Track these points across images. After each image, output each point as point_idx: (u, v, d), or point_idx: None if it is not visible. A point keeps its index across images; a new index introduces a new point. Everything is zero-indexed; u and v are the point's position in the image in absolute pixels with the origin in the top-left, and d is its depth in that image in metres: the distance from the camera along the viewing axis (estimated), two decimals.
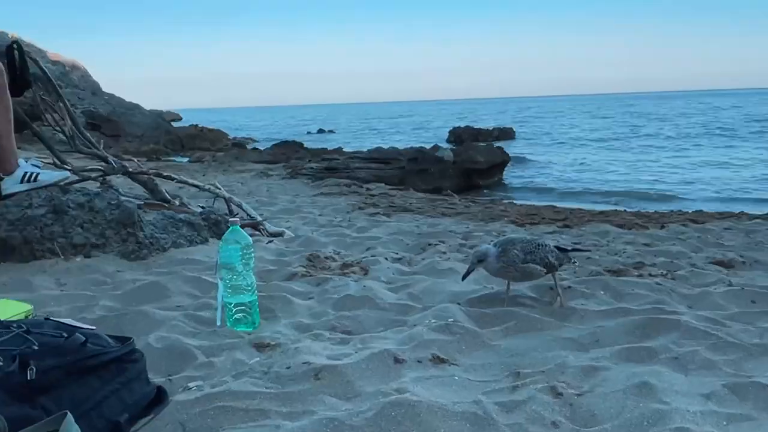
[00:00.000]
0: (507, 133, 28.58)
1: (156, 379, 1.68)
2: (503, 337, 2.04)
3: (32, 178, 3.07)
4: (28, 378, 1.29)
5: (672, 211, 7.44)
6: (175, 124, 34.57)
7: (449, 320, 2.10)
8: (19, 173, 3.06)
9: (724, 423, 1.44)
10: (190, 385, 1.66)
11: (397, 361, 1.77)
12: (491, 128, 28.95)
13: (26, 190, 3.07)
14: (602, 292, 2.52)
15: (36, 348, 1.38)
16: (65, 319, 1.57)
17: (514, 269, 2.27)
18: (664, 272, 2.94)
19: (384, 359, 1.77)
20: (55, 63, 25.56)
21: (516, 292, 2.51)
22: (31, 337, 1.44)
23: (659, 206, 9.08)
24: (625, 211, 7.27)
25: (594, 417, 1.49)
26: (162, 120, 28.26)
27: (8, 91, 3.02)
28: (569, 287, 2.57)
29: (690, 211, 7.22)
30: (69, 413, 1.21)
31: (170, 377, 1.73)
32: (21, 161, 3.10)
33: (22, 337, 1.44)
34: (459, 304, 2.38)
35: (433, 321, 2.10)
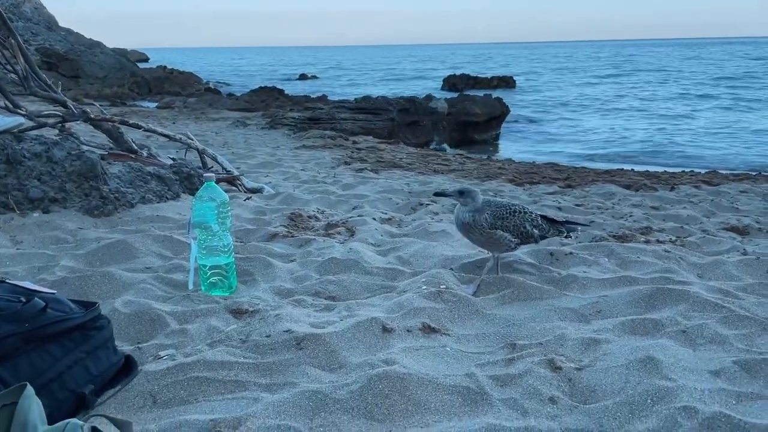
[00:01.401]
0: (506, 82, 28.44)
1: (124, 347, 1.68)
2: (499, 306, 2.06)
3: None
4: None
5: (683, 171, 7.48)
6: (141, 65, 33.95)
7: (441, 286, 2.11)
8: None
9: (734, 402, 1.47)
10: (162, 353, 1.67)
11: (385, 330, 1.78)
12: (490, 77, 28.77)
13: None
14: (606, 259, 2.55)
15: None
16: (23, 281, 1.56)
17: (479, 233, 2.23)
18: (674, 238, 2.97)
19: (371, 328, 1.78)
20: None
21: (514, 257, 2.52)
22: None
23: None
24: (632, 170, 7.29)
25: (594, 393, 1.52)
26: (127, 60, 27.73)
27: None
28: (570, 253, 2.60)
29: (703, 172, 7.26)
30: (29, 384, 1.21)
31: (139, 345, 1.74)
32: None
33: None
34: (452, 269, 2.39)
35: (423, 287, 2.11)
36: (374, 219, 3.32)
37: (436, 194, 2.39)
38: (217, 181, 3.43)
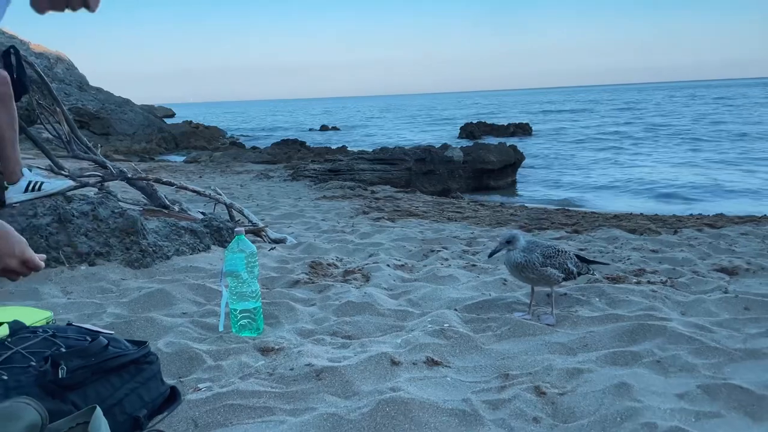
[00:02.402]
0: (524, 129, 28.87)
1: (168, 380, 1.95)
2: (496, 342, 2.30)
3: (36, 187, 3.35)
4: (60, 376, 1.56)
5: (691, 214, 7.66)
6: (168, 121, 35.03)
7: (445, 325, 2.36)
8: (23, 182, 3.34)
9: (693, 419, 1.70)
10: (200, 386, 1.93)
11: (393, 363, 2.03)
12: (506, 124, 29.22)
13: (30, 199, 3.36)
14: (597, 299, 2.78)
15: (64, 350, 1.66)
16: (86, 324, 1.84)
17: (531, 271, 2.51)
18: (664, 279, 3.19)
19: (381, 361, 2.03)
20: (39, 55, 26.02)
21: (512, 299, 2.77)
22: (57, 340, 1.72)
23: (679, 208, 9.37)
24: (641, 214, 7.49)
25: (573, 413, 1.75)
26: (154, 116, 28.69)
27: (14, 101, 3.30)
28: (565, 294, 2.83)
29: (710, 215, 7.44)
30: (98, 407, 1.48)
31: (181, 379, 2.00)
32: (25, 170, 3.38)
33: (50, 340, 1.73)
34: (456, 309, 2.64)
35: (429, 326, 2.36)
36: (388, 265, 3.58)
37: (491, 255, 2.65)
38: (245, 233, 3.74)
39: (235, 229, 2.47)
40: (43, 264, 1.61)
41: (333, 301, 2.80)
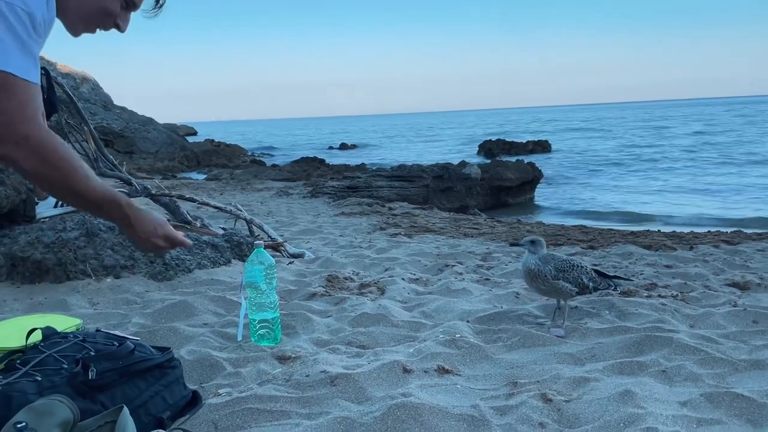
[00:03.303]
0: (542, 146, 28.88)
1: (190, 386, 2.04)
2: (506, 352, 2.37)
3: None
4: (90, 378, 1.66)
5: (709, 231, 7.64)
6: (190, 139, 35.55)
7: (456, 336, 2.43)
8: (52, 198, 3.48)
9: (694, 426, 1.75)
10: (220, 391, 2.02)
11: (405, 370, 2.11)
12: (525, 141, 29.26)
13: (59, 214, 3.50)
14: (607, 312, 2.83)
15: (93, 354, 1.76)
16: (114, 330, 1.94)
17: (542, 282, 2.58)
18: (675, 293, 3.23)
19: (393, 369, 2.11)
20: (65, 75, 26.62)
21: (523, 311, 2.83)
22: (87, 345, 1.83)
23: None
24: (658, 231, 7.50)
25: (578, 419, 1.81)
26: (176, 135, 29.16)
27: (46, 121, 3.46)
28: (576, 306, 2.89)
29: (728, 231, 7.42)
30: (125, 407, 1.57)
31: (202, 385, 2.10)
32: None
33: (80, 345, 1.83)
34: (468, 321, 2.71)
35: (441, 336, 2.44)
36: (403, 279, 3.66)
37: (512, 244, 2.75)
38: (264, 248, 3.84)
39: (255, 242, 2.57)
40: (188, 240, 1.77)
41: (349, 312, 2.88)
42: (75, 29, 1.68)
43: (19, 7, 1.37)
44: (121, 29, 1.70)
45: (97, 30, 1.72)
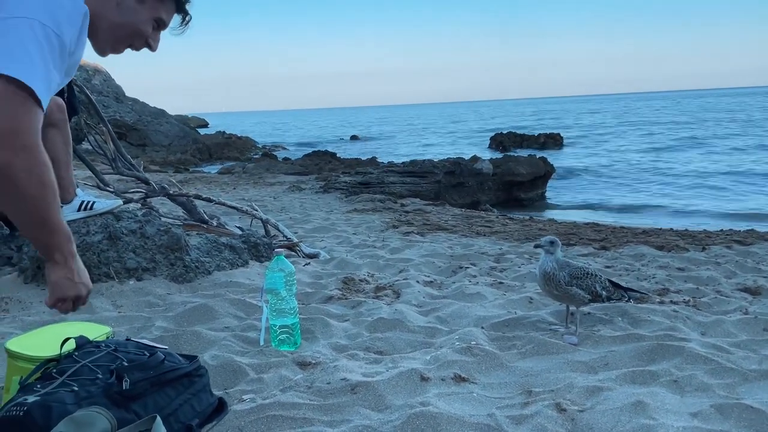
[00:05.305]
0: (554, 139, 28.82)
1: (215, 392, 2.12)
2: (520, 359, 2.43)
3: (88, 206, 3.57)
4: (124, 388, 1.74)
5: (722, 230, 7.64)
6: (201, 131, 35.73)
7: (472, 343, 2.50)
8: (76, 202, 3.56)
9: None
10: (244, 397, 2.10)
11: (423, 379, 2.18)
12: (537, 134, 29.19)
13: (83, 218, 3.58)
14: (620, 319, 2.89)
15: (126, 364, 1.84)
16: (143, 339, 2.02)
17: (555, 287, 2.65)
18: (687, 299, 3.28)
19: (411, 377, 2.18)
20: (78, 68, 26.83)
21: (537, 317, 2.89)
22: (119, 354, 1.91)
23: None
24: (671, 230, 7.51)
25: (591, 430, 1.87)
26: (189, 128, 29.33)
27: (68, 125, 3.54)
28: (589, 313, 2.95)
29: (741, 230, 7.41)
30: (158, 416, 1.65)
31: (227, 391, 2.18)
32: (78, 191, 3.62)
33: (112, 354, 1.91)
34: (483, 328, 2.78)
35: (457, 343, 2.50)
36: (417, 282, 3.73)
37: (536, 246, 2.81)
38: (280, 247, 3.92)
39: (275, 250, 2.64)
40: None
41: (365, 317, 2.96)
42: (103, 50, 1.76)
43: (52, 30, 1.44)
44: (152, 48, 1.78)
45: (126, 50, 1.80)
